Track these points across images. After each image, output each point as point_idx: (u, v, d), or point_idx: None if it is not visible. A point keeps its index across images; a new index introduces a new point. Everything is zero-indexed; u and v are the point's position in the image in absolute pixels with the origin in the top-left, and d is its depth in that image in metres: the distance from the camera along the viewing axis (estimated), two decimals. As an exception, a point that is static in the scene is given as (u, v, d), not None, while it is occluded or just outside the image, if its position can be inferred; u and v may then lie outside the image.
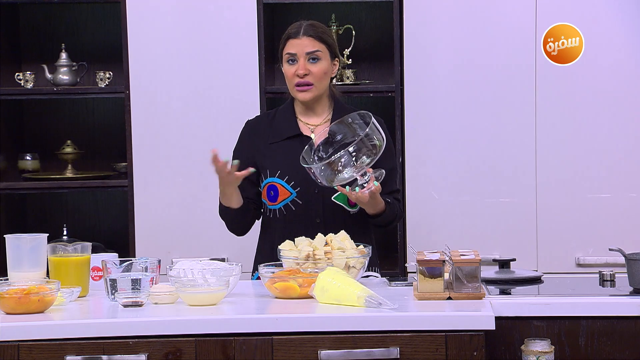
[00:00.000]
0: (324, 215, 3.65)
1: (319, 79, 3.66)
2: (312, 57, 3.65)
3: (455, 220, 4.70)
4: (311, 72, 3.64)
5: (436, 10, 4.67)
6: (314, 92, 3.66)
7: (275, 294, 3.22)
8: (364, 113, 3.51)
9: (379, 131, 3.41)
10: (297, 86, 3.65)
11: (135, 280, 3.21)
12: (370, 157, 3.39)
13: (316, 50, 3.65)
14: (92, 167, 5.21)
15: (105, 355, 2.94)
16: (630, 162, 4.65)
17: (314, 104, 3.71)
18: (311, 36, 3.66)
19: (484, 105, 4.68)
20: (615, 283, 3.43)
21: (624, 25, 4.63)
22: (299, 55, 3.65)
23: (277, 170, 3.66)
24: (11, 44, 5.16)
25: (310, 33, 3.66)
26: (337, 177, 3.40)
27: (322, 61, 3.66)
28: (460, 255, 3.20)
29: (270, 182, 3.67)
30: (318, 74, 3.65)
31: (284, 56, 3.69)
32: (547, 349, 3.05)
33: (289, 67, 3.67)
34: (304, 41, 3.65)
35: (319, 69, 3.66)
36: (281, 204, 3.67)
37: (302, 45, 3.65)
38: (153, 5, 4.76)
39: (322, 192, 3.62)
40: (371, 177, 3.43)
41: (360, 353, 2.95)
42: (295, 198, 3.65)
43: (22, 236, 3.33)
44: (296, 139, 3.69)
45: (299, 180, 3.64)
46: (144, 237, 4.78)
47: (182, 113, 4.78)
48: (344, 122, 3.55)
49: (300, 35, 3.66)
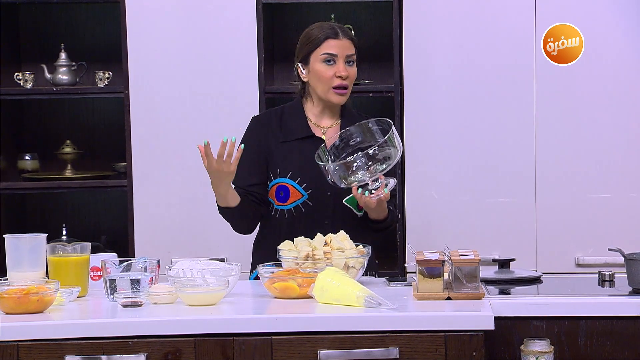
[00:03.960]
0: (333, 217, 3.64)
1: (352, 83, 3.68)
2: (349, 60, 3.66)
3: (454, 220, 4.70)
4: (349, 75, 3.65)
5: (436, 10, 4.67)
6: (347, 96, 3.68)
7: (274, 294, 3.22)
8: (384, 120, 3.55)
9: (397, 140, 3.43)
10: (336, 88, 3.64)
11: (135, 280, 3.21)
12: (384, 164, 3.41)
13: (353, 54, 3.67)
14: (91, 167, 5.21)
15: (105, 355, 2.94)
16: (629, 162, 4.65)
17: (333, 107, 3.71)
18: (351, 39, 3.67)
19: (483, 106, 4.68)
20: (615, 283, 3.43)
21: (624, 25, 4.63)
22: (340, 57, 3.63)
23: (289, 171, 3.64)
24: (11, 43, 5.16)
25: (350, 36, 3.68)
26: (349, 178, 3.43)
27: (355, 65, 3.68)
28: (459, 255, 3.20)
29: (280, 182, 3.65)
30: (353, 77, 3.67)
31: (321, 55, 3.63)
32: (546, 349, 3.05)
33: (326, 67, 3.63)
34: (345, 43, 3.65)
35: (354, 72, 3.67)
36: (291, 205, 3.65)
37: (344, 48, 3.64)
38: (152, 6, 4.76)
39: (333, 194, 3.61)
40: (382, 184, 3.44)
41: (360, 353, 2.94)
42: (306, 200, 3.64)
43: (21, 236, 3.32)
44: (308, 140, 3.67)
45: (311, 182, 3.62)
46: (144, 237, 4.78)
47: (182, 113, 4.78)
48: (364, 126, 3.58)
49: (341, 37, 3.65)
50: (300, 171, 3.63)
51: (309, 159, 3.56)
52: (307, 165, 3.60)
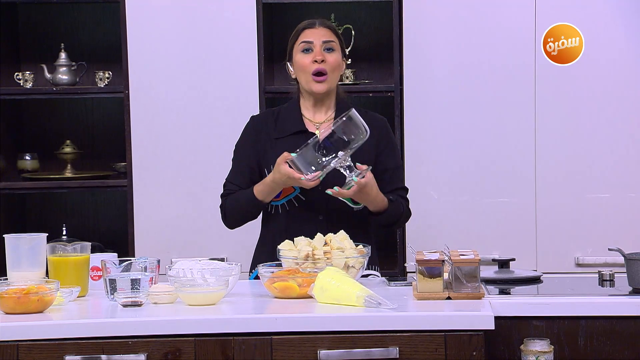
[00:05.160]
0: (327, 212, 3.65)
1: (333, 70, 3.66)
2: (327, 47, 3.66)
3: (454, 220, 4.70)
4: (327, 61, 3.65)
5: (435, 10, 4.67)
6: (328, 84, 3.66)
7: (274, 294, 3.22)
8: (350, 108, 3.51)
9: (355, 125, 3.41)
10: (314, 75, 3.64)
11: (135, 280, 3.21)
12: (345, 150, 3.39)
13: (331, 41, 3.67)
14: (91, 167, 5.21)
15: (105, 355, 2.94)
16: (629, 162, 4.65)
17: (325, 97, 3.70)
18: (327, 27, 3.70)
19: (483, 106, 4.68)
20: (615, 283, 3.43)
21: (624, 25, 4.64)
22: (316, 44, 3.65)
23: None
24: (10, 43, 5.16)
25: (326, 24, 3.71)
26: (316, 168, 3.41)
27: (336, 52, 3.68)
28: (459, 255, 3.20)
29: None
30: (333, 64, 3.66)
31: (299, 45, 3.67)
32: (546, 349, 3.05)
33: (303, 56, 3.66)
34: (320, 30, 3.68)
35: (334, 59, 3.66)
36: (284, 200, 3.67)
37: (319, 34, 3.67)
38: (152, 5, 4.76)
39: (325, 189, 3.62)
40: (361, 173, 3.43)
41: (360, 353, 2.94)
42: (298, 194, 3.66)
43: (21, 236, 3.32)
44: (301, 135, 3.69)
45: None
46: (143, 236, 4.78)
47: (182, 113, 4.78)
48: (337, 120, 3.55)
49: (317, 25, 3.69)
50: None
51: None
52: None
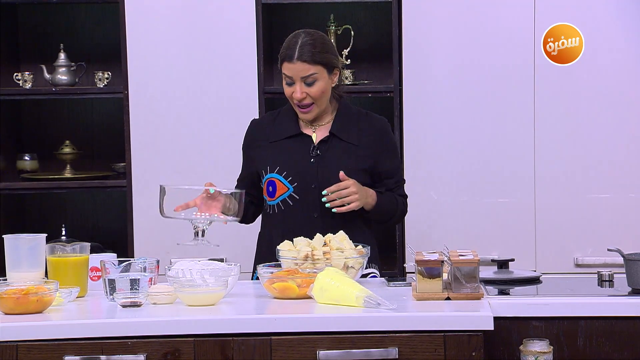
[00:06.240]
0: (322, 209, 3.65)
1: (318, 98, 3.66)
2: (307, 82, 3.63)
3: (453, 220, 4.70)
4: (309, 94, 3.64)
5: (435, 11, 4.67)
6: (315, 111, 3.68)
7: (273, 294, 3.22)
8: None
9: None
10: (298, 107, 3.67)
11: (134, 280, 3.21)
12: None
13: (311, 74, 3.62)
14: (90, 168, 5.20)
15: (104, 356, 2.94)
16: (629, 162, 4.65)
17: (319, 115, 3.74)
18: (305, 61, 3.61)
19: (482, 106, 4.68)
20: (614, 283, 3.43)
21: (624, 25, 4.63)
22: (295, 79, 3.63)
23: (276, 166, 3.69)
24: (10, 44, 5.16)
25: (304, 58, 3.61)
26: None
27: (318, 82, 3.64)
28: (458, 255, 3.20)
29: (269, 177, 3.71)
30: (316, 94, 3.64)
31: (282, 73, 3.67)
32: (545, 349, 3.05)
33: (287, 87, 3.67)
34: (297, 66, 3.61)
35: (316, 89, 3.64)
36: (279, 199, 3.70)
37: (298, 71, 3.62)
38: (152, 6, 4.76)
39: (318, 188, 3.64)
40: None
41: (359, 353, 2.94)
42: (292, 193, 3.68)
43: (20, 236, 3.32)
44: (297, 137, 3.73)
45: (296, 175, 3.67)
46: (143, 237, 4.78)
47: (181, 113, 4.78)
48: None
49: (295, 60, 3.61)
50: (286, 165, 3.69)
51: (295, 155, 3.65)
52: (292, 160, 3.67)
